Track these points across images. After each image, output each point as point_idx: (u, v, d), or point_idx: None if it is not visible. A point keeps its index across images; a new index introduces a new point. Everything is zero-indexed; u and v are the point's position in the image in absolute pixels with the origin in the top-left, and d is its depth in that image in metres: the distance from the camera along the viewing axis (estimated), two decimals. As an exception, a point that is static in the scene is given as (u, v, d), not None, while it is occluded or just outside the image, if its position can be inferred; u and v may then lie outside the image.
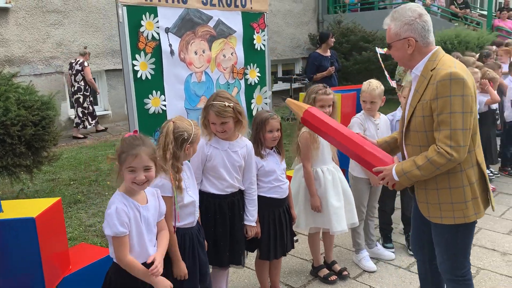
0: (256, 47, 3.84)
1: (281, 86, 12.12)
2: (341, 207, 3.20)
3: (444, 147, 2.10)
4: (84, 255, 2.90)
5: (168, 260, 2.32)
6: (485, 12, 14.90)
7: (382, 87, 3.45)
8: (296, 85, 10.40)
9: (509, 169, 5.90)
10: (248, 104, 3.88)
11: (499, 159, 5.81)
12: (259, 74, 3.89)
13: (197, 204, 2.50)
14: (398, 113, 3.80)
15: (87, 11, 9.12)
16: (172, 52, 3.31)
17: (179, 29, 3.34)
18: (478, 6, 17.15)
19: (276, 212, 2.96)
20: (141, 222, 2.12)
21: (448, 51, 10.03)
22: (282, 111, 10.54)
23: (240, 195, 2.84)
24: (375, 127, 3.46)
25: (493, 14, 13.79)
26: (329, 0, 14.56)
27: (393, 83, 7.26)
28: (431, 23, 2.28)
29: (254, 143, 2.89)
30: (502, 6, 15.84)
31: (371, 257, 3.65)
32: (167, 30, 3.27)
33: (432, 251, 2.49)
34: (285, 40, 13.02)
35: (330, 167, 3.26)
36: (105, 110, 9.77)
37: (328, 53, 7.04)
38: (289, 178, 3.19)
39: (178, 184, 2.34)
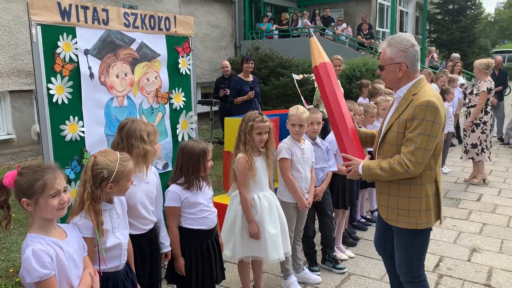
0: (181, 71, 3.76)
1: (200, 109, 12.05)
2: (277, 235, 3.17)
3: (405, 160, 2.39)
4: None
5: None
6: (387, 43, 16.24)
7: (308, 113, 3.55)
8: (216, 108, 10.40)
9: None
10: (173, 129, 3.75)
11: None
12: (184, 99, 3.80)
13: (125, 246, 2.28)
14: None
15: (-12, 27, 8.38)
16: (91, 75, 3.12)
17: (99, 51, 3.16)
18: (381, 37, 18.64)
19: (204, 244, 2.84)
20: (66, 258, 1.90)
21: (357, 78, 10.75)
22: (202, 134, 10.45)
23: (155, 230, 2.76)
24: (301, 152, 3.53)
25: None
26: (246, 26, 14.94)
27: (308, 107, 7.56)
28: (419, 54, 2.54)
29: (191, 175, 2.75)
30: (402, 38, 17.39)
31: (298, 282, 3.66)
32: (86, 52, 3.08)
33: (393, 251, 2.76)
34: (204, 64, 13.05)
35: (267, 194, 3.22)
36: (8, 135, 8.93)
37: (250, 78, 7.15)
38: (223, 205, 3.11)
39: (98, 227, 2.12)
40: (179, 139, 3.78)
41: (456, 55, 13.23)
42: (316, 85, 6.65)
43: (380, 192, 2.65)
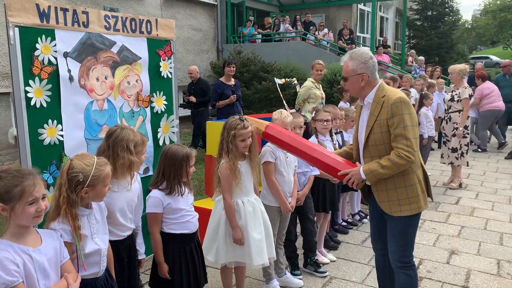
0: (162, 75, 3.73)
1: (182, 112, 11.96)
2: (262, 240, 3.14)
3: (403, 152, 2.62)
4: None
5: None
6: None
7: (291, 117, 3.56)
8: (197, 112, 10.35)
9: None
10: (154, 133, 3.72)
11: None
12: (165, 102, 3.78)
13: (104, 252, 2.24)
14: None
15: (-36, 28, 8.18)
16: (71, 78, 3.07)
17: (79, 54, 3.12)
18: (361, 42, 18.89)
19: (188, 248, 2.82)
20: (33, 268, 1.83)
21: (338, 82, 10.83)
22: (184, 137, 10.38)
23: (133, 236, 2.73)
24: (285, 156, 3.53)
25: (374, 50, 15.29)
26: (228, 30, 14.94)
27: (291, 111, 7.56)
28: (377, 64, 2.83)
29: (173, 180, 2.73)
30: (381, 43, 17.66)
31: (280, 286, 3.66)
32: (65, 55, 3.03)
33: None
34: (186, 67, 12.92)
35: (251, 199, 3.19)
36: (-16, 138, 8.73)
37: (232, 82, 7.15)
38: (206, 210, 3.08)
39: (76, 232, 2.07)
40: (160, 143, 3.75)
41: (421, 58, 14.15)
42: (298, 89, 6.67)
43: (377, 190, 2.81)
